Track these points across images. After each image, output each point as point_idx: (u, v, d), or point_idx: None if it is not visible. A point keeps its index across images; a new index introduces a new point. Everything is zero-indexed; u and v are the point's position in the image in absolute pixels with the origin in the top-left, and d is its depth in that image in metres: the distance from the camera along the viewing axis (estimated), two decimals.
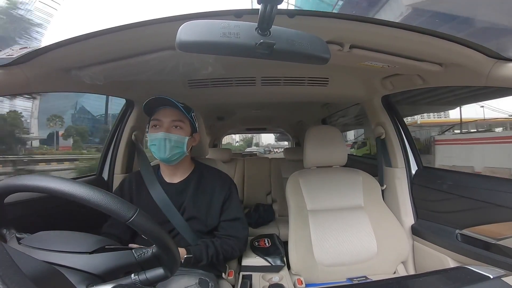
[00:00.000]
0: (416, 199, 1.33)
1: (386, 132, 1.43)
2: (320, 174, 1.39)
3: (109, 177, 1.39)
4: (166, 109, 1.02)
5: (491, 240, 0.92)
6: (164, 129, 0.99)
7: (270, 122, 3.59)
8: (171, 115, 1.01)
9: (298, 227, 1.23)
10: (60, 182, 0.47)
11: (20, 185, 0.49)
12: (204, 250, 0.95)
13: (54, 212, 1.02)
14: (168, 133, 0.99)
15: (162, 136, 0.98)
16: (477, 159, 5.65)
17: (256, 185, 2.61)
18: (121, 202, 0.49)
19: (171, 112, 1.01)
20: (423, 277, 0.64)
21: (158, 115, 1.01)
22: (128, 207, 0.49)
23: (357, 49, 0.83)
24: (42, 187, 0.47)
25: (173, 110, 1.01)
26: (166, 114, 1.01)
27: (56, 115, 8.01)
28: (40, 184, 0.47)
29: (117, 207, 0.48)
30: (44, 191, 0.47)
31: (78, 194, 0.46)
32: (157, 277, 0.55)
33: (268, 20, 0.45)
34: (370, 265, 1.18)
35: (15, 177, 0.51)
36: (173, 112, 1.01)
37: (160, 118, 1.01)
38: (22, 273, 0.32)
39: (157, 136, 0.98)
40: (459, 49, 0.76)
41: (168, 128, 1.00)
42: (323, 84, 1.38)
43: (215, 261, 0.99)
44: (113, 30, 0.71)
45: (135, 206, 0.50)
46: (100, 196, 0.47)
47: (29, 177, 0.49)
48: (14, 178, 0.51)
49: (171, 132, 0.99)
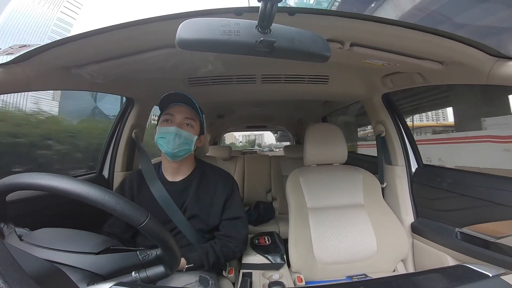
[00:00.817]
0: (416, 197, 1.34)
1: (386, 130, 1.43)
2: (320, 172, 1.39)
3: (110, 175, 1.39)
4: (181, 106, 1.03)
5: (490, 239, 0.92)
6: (176, 124, 1.00)
7: (270, 120, 3.59)
8: (184, 112, 1.03)
9: (298, 225, 1.23)
10: (75, 183, 0.47)
11: (34, 183, 0.49)
12: (204, 258, 0.95)
13: (54, 210, 1.02)
14: (180, 129, 1.00)
15: (174, 131, 0.99)
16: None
17: (256, 183, 2.61)
18: (134, 207, 0.50)
19: (185, 109, 1.03)
20: (423, 275, 0.64)
21: (171, 110, 1.03)
22: (141, 212, 0.50)
23: (358, 47, 0.83)
24: (56, 188, 0.47)
25: (187, 107, 1.03)
26: (180, 110, 1.03)
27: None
28: (53, 184, 0.47)
29: (131, 212, 0.49)
30: (59, 192, 0.47)
31: (94, 198, 0.47)
32: (158, 275, 0.55)
33: (268, 18, 0.45)
34: (370, 263, 1.19)
35: (27, 174, 0.50)
36: (187, 110, 1.03)
37: (173, 113, 1.02)
38: (23, 271, 0.32)
39: (169, 130, 0.99)
40: (460, 48, 0.76)
41: (180, 124, 1.01)
42: (324, 82, 1.37)
43: (216, 265, 1.00)
44: (113, 28, 0.71)
45: (146, 211, 0.51)
46: (115, 200, 0.48)
47: (43, 176, 0.49)
48: (24, 175, 0.50)
49: (182, 128, 1.01)
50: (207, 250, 0.98)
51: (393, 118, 1.42)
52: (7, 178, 0.52)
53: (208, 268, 0.96)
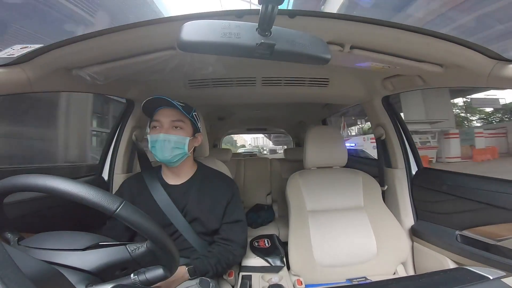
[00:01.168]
0: (416, 200, 1.33)
1: (386, 133, 1.43)
2: (320, 174, 1.39)
3: (109, 177, 1.39)
4: (165, 110, 1.00)
5: (491, 241, 0.92)
6: (164, 130, 0.98)
7: (271, 122, 3.59)
8: (170, 115, 1.00)
9: (298, 227, 1.23)
10: (44, 179, 0.47)
11: (8, 184, 0.50)
12: (210, 269, 0.94)
13: (54, 212, 1.02)
14: (168, 134, 0.97)
15: (162, 138, 0.97)
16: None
17: (256, 185, 2.60)
18: (104, 194, 0.48)
19: (170, 112, 1.00)
20: (423, 278, 0.64)
21: (157, 115, 1.01)
22: (113, 199, 0.48)
23: (358, 49, 0.83)
24: (27, 185, 0.47)
25: (172, 110, 1.00)
26: (165, 114, 1.00)
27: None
28: (25, 181, 0.47)
29: (101, 199, 0.47)
30: (29, 188, 0.47)
31: (61, 189, 0.46)
32: (157, 277, 0.55)
33: (268, 21, 0.45)
34: (370, 266, 1.18)
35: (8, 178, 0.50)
36: (172, 112, 1.00)
37: (159, 118, 1.00)
38: (22, 273, 0.32)
39: (157, 138, 0.97)
40: (459, 50, 0.76)
41: (167, 129, 0.98)
42: (324, 84, 1.38)
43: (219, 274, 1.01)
44: (114, 30, 0.71)
45: (120, 198, 0.49)
46: (83, 189, 0.47)
47: (15, 176, 0.49)
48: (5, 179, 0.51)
49: (170, 133, 0.98)
50: (210, 261, 0.95)
51: (393, 121, 1.43)
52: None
53: (213, 275, 0.95)
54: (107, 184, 1.37)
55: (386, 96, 1.39)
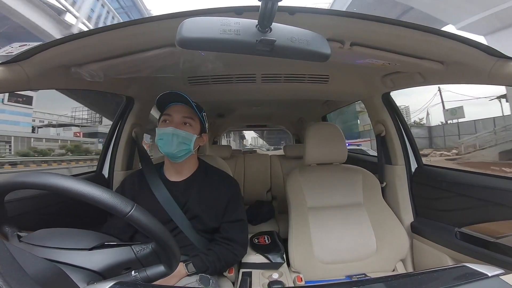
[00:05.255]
0: (416, 197, 1.34)
1: (386, 129, 1.43)
2: (320, 171, 1.40)
3: (110, 174, 1.39)
4: (178, 105, 1.03)
5: (490, 239, 0.93)
6: (174, 124, 1.00)
7: (270, 119, 3.58)
8: (182, 111, 1.02)
9: (298, 224, 1.24)
10: (58, 178, 0.47)
11: (19, 182, 0.50)
12: (211, 267, 0.94)
13: (55, 209, 1.02)
14: (177, 129, 0.99)
15: (171, 131, 0.98)
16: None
17: (256, 182, 2.61)
18: (118, 197, 0.49)
19: (182, 108, 1.02)
20: (422, 275, 0.64)
21: (169, 110, 1.03)
22: (126, 202, 0.49)
23: (358, 46, 0.82)
24: (41, 184, 0.47)
25: (184, 106, 1.03)
26: (177, 110, 1.02)
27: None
28: (38, 180, 0.48)
29: (115, 202, 0.48)
30: (44, 187, 0.47)
31: (76, 190, 0.47)
32: (158, 274, 0.55)
33: (268, 17, 0.45)
34: (369, 263, 1.19)
35: (15, 174, 0.51)
36: (184, 109, 1.02)
37: (171, 113, 1.01)
38: (24, 271, 0.32)
39: (166, 131, 0.98)
40: (460, 48, 0.75)
41: (178, 124, 1.00)
42: (324, 81, 1.37)
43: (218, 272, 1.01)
44: (113, 27, 0.71)
45: (132, 201, 0.50)
46: (98, 191, 0.48)
47: (28, 174, 0.49)
48: (13, 176, 0.51)
49: (180, 128, 1.00)
50: (209, 258, 0.96)
51: (393, 118, 1.42)
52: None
53: (212, 272, 0.96)
54: (107, 181, 1.37)
55: (386, 92, 1.39)
